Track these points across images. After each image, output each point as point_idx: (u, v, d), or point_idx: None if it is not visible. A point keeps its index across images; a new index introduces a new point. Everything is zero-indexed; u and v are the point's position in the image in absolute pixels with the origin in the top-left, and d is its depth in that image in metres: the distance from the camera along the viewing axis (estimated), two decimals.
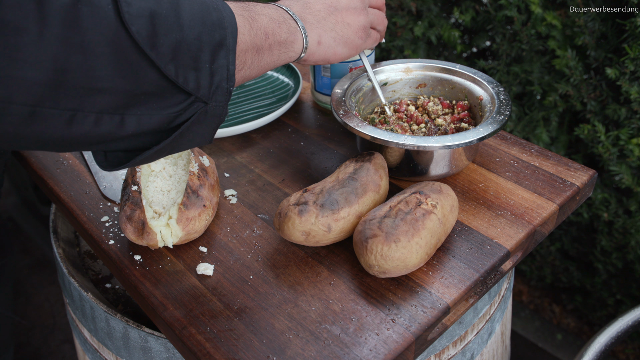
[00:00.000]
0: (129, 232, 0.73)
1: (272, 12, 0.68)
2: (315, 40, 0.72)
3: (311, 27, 0.72)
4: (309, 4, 0.74)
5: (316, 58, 0.74)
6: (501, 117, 0.81)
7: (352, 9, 0.76)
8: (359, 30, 0.77)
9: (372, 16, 0.80)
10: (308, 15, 0.72)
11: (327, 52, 0.74)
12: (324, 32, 0.73)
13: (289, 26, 0.69)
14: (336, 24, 0.74)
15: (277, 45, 0.68)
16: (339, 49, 0.75)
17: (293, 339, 0.63)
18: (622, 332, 0.93)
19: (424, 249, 0.67)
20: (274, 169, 0.90)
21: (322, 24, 0.73)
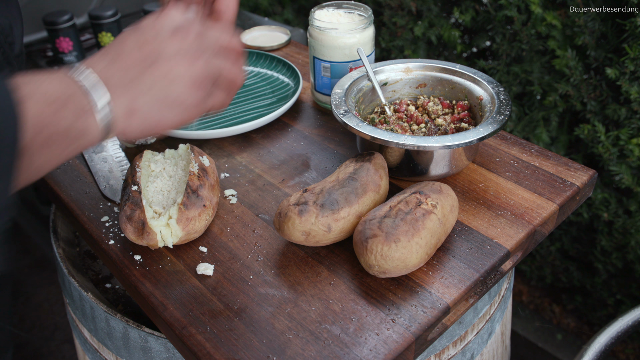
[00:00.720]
0: (129, 232, 0.73)
1: (51, 88, 0.50)
2: (124, 111, 0.53)
3: (117, 92, 0.53)
4: (119, 56, 0.55)
5: (135, 132, 0.55)
6: (501, 117, 0.81)
7: (181, 56, 0.56)
8: (194, 84, 0.56)
9: (218, 62, 0.59)
10: (114, 76, 0.53)
11: (146, 122, 0.55)
12: (138, 96, 0.54)
13: (78, 103, 0.50)
14: (156, 81, 0.54)
15: (57, 138, 0.50)
16: (166, 115, 0.55)
17: (293, 339, 0.63)
18: (622, 332, 0.93)
19: (424, 249, 0.67)
20: (274, 169, 0.90)
21: (134, 85, 0.54)
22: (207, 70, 0.57)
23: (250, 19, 1.87)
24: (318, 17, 0.99)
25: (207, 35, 0.59)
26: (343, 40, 0.97)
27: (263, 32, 1.35)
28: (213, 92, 0.59)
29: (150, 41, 0.56)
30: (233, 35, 0.61)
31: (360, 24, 0.96)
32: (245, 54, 0.62)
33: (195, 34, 0.57)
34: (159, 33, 0.56)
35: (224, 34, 0.60)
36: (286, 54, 1.26)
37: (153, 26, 0.57)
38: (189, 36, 0.57)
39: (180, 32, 0.57)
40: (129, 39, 0.56)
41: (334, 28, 0.96)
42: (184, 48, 0.56)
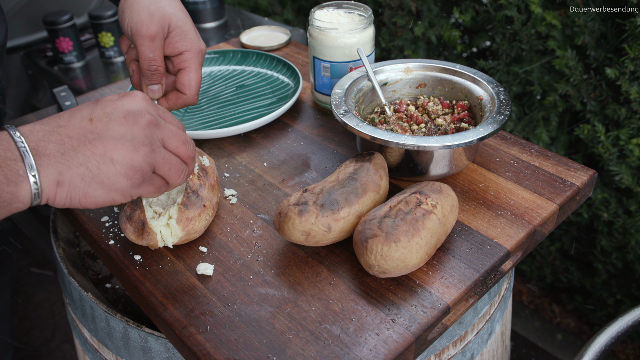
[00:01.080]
0: (129, 232, 0.73)
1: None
2: (52, 180, 0.54)
3: (50, 161, 0.53)
4: (61, 128, 0.55)
5: (61, 202, 0.56)
6: (501, 117, 0.81)
7: (125, 140, 0.56)
8: (129, 170, 0.56)
9: (160, 158, 0.59)
10: (51, 145, 0.54)
11: (72, 194, 0.55)
12: (68, 169, 0.54)
13: (8, 171, 0.51)
14: (91, 157, 0.55)
15: None
16: (91, 191, 0.55)
17: (293, 339, 0.63)
18: (622, 332, 0.93)
19: (424, 249, 0.67)
20: (274, 169, 0.90)
21: (67, 156, 0.54)
22: (145, 162, 0.57)
23: (250, 19, 1.87)
24: (318, 17, 0.99)
25: (159, 129, 0.59)
26: (343, 40, 0.97)
27: (263, 32, 1.35)
28: (146, 183, 0.59)
29: (100, 118, 0.56)
30: (185, 142, 0.62)
31: (360, 24, 0.96)
32: (194, 148, 0.64)
33: (147, 123, 0.58)
34: (112, 113, 0.57)
35: (175, 138, 0.61)
36: (286, 54, 1.26)
37: (110, 104, 0.58)
38: (140, 123, 0.57)
39: (133, 117, 0.57)
40: (81, 111, 0.57)
41: (334, 28, 0.96)
42: (130, 134, 0.56)
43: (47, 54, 1.76)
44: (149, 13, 0.73)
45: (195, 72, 0.78)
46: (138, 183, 0.58)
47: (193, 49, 0.77)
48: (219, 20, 1.84)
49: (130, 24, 0.74)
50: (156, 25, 0.73)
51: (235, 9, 1.97)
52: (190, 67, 0.77)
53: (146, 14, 0.73)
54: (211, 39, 1.75)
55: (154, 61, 0.74)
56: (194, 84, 0.78)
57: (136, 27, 0.73)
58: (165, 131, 0.60)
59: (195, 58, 0.78)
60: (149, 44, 0.73)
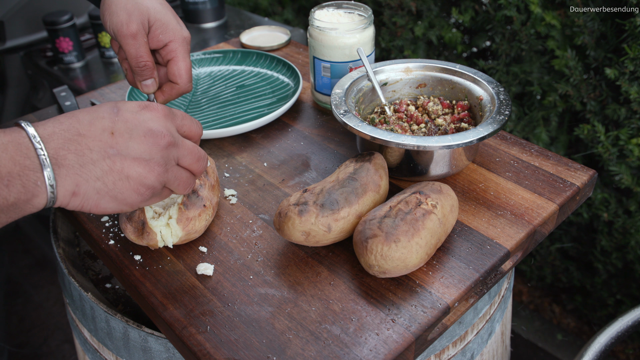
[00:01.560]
0: (129, 232, 0.73)
1: (3, 161, 0.51)
2: (68, 191, 0.54)
3: (68, 173, 0.54)
4: (81, 137, 0.55)
5: (72, 208, 0.57)
6: (501, 117, 0.81)
7: (142, 160, 0.57)
8: (141, 188, 0.58)
9: (172, 176, 0.61)
10: (71, 155, 0.54)
11: (85, 204, 0.56)
12: (85, 182, 0.55)
13: (26, 180, 0.51)
14: (109, 173, 0.56)
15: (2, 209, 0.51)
16: (103, 203, 0.57)
17: (293, 339, 0.63)
18: (622, 332, 0.93)
19: (424, 249, 0.67)
20: (274, 169, 0.90)
21: (86, 169, 0.54)
22: (158, 181, 0.59)
23: (250, 19, 1.87)
24: (318, 17, 0.99)
25: (176, 148, 0.61)
26: (343, 40, 0.97)
27: (263, 32, 1.35)
28: (154, 197, 0.61)
29: (122, 133, 0.57)
30: (199, 159, 0.64)
31: (360, 24, 0.96)
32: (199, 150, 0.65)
33: (166, 144, 0.59)
34: (134, 130, 0.57)
35: (191, 155, 0.63)
36: (286, 54, 1.26)
37: (132, 119, 0.58)
38: (159, 144, 0.58)
39: (153, 137, 0.58)
40: (102, 121, 0.56)
41: (334, 28, 0.96)
42: (148, 154, 0.57)
43: (47, 54, 1.76)
44: (127, 12, 0.75)
45: (183, 60, 0.78)
46: (147, 198, 0.60)
47: (177, 39, 0.78)
48: (219, 20, 1.84)
49: (111, 25, 0.75)
50: (136, 22, 0.74)
51: (235, 9, 1.97)
52: (177, 56, 0.78)
53: (124, 14, 0.75)
54: (211, 39, 1.75)
55: (140, 58, 0.76)
56: (184, 72, 0.79)
57: (117, 28, 0.75)
58: (182, 150, 0.62)
59: (180, 46, 0.78)
60: (133, 42, 0.75)
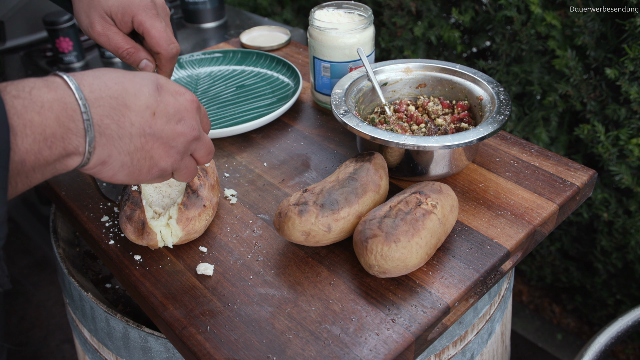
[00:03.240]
0: (129, 232, 0.73)
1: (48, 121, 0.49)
2: (100, 160, 0.54)
3: (107, 143, 0.53)
4: (126, 109, 0.54)
5: (90, 173, 0.57)
6: (501, 117, 0.81)
7: (169, 146, 0.59)
8: (156, 169, 0.59)
9: (183, 165, 0.63)
10: (113, 125, 0.53)
11: (104, 173, 0.56)
12: (117, 154, 0.55)
13: (68, 144, 0.51)
14: (139, 150, 0.56)
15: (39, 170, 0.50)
16: (119, 176, 0.57)
17: (293, 339, 0.63)
18: (622, 332, 0.93)
19: (424, 249, 0.67)
20: (274, 169, 0.90)
21: (122, 142, 0.55)
22: (172, 167, 0.61)
23: (250, 19, 1.87)
24: (318, 17, 0.99)
25: (197, 142, 0.63)
26: (343, 40, 0.97)
27: (263, 32, 1.35)
28: (158, 179, 0.62)
29: (161, 116, 0.57)
30: (210, 152, 0.66)
31: (360, 24, 0.96)
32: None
33: (192, 138, 0.61)
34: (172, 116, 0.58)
35: (204, 150, 0.65)
36: (286, 54, 1.26)
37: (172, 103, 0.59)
38: (186, 136, 0.60)
39: (184, 128, 0.60)
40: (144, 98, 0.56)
41: (334, 28, 0.96)
42: (175, 142, 0.59)
43: (47, 54, 1.76)
44: (86, 14, 0.76)
45: (152, 27, 0.76)
46: (153, 178, 0.61)
47: (137, 11, 0.76)
48: (219, 20, 1.84)
49: (84, 31, 0.78)
50: (97, 20, 0.76)
51: (235, 9, 1.97)
52: (146, 26, 0.76)
53: (85, 17, 0.76)
54: (211, 39, 1.75)
55: (118, 49, 0.77)
56: (158, 37, 0.77)
57: (87, 32, 0.77)
58: (200, 144, 0.63)
59: (144, 15, 0.76)
60: (104, 40, 0.76)
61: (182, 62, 1.19)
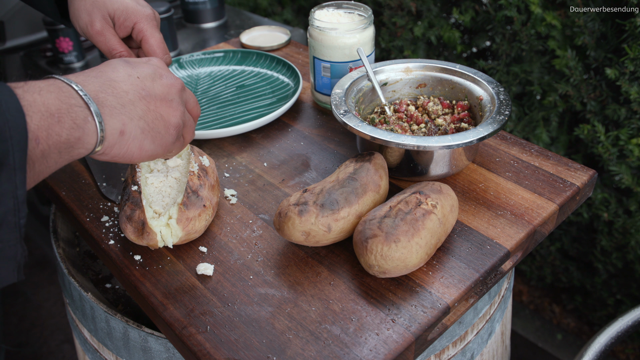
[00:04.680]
0: (129, 232, 0.73)
1: (50, 100, 0.51)
2: (116, 130, 0.56)
3: (112, 112, 0.56)
4: (113, 82, 0.57)
5: (115, 153, 0.58)
6: (501, 117, 0.81)
7: (168, 100, 0.62)
8: (172, 128, 0.62)
9: (187, 118, 0.66)
10: (110, 97, 0.56)
11: (131, 145, 0.58)
12: (130, 120, 0.57)
13: (75, 117, 0.52)
14: (147, 112, 0.59)
15: (54, 149, 0.51)
16: (147, 144, 0.59)
17: (293, 339, 0.63)
18: (622, 332, 0.93)
19: (424, 249, 0.67)
20: (274, 169, 0.90)
21: (128, 109, 0.57)
22: (181, 120, 0.64)
23: (250, 19, 1.87)
24: (318, 17, 0.99)
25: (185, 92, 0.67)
26: (343, 40, 0.97)
27: (263, 32, 1.35)
28: (178, 141, 0.66)
29: (145, 77, 0.61)
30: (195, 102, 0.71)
31: (360, 24, 0.96)
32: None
33: (181, 87, 0.66)
34: (153, 74, 0.62)
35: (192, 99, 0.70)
36: (286, 54, 1.26)
37: (145, 67, 0.63)
38: (176, 87, 0.64)
39: (169, 80, 0.64)
40: (122, 69, 0.60)
41: (334, 28, 0.96)
42: (170, 95, 0.63)
43: (47, 54, 1.76)
44: (87, 12, 0.78)
45: (152, 36, 0.80)
46: (174, 138, 0.64)
47: (140, 19, 0.80)
48: (219, 20, 1.84)
49: (79, 29, 0.79)
50: (98, 20, 0.78)
51: (235, 9, 1.97)
52: (146, 34, 0.80)
53: (86, 15, 0.78)
54: (211, 39, 1.75)
55: (113, 50, 0.79)
56: (156, 46, 0.80)
57: (84, 31, 0.79)
58: (187, 92, 0.68)
59: (146, 24, 0.80)
60: (101, 39, 0.79)
61: (182, 62, 1.19)
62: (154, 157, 0.62)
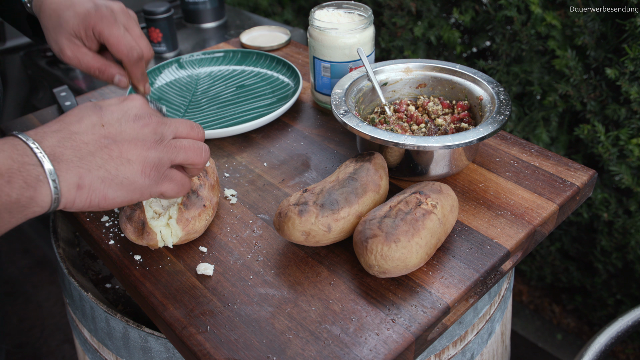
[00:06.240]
0: (129, 232, 0.73)
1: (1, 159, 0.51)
2: (72, 184, 0.54)
3: (68, 166, 0.54)
4: (74, 134, 0.56)
5: (79, 206, 0.56)
6: (501, 117, 0.81)
7: (139, 141, 0.58)
8: (146, 168, 0.58)
9: (172, 148, 0.61)
10: (67, 150, 0.55)
11: (93, 197, 0.56)
12: (87, 172, 0.55)
13: (27, 175, 0.51)
14: (109, 160, 0.56)
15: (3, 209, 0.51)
16: (111, 193, 0.57)
17: (293, 339, 0.63)
18: (622, 332, 0.93)
19: (424, 249, 0.67)
20: (274, 169, 0.90)
21: (86, 160, 0.55)
22: (158, 157, 0.59)
23: (250, 19, 1.87)
24: (318, 17, 0.99)
25: (167, 125, 0.62)
26: (343, 40, 0.97)
27: (263, 32, 1.35)
28: (165, 180, 0.61)
29: (111, 123, 0.58)
30: (192, 127, 0.65)
31: (360, 24, 0.96)
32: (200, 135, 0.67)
33: (156, 123, 0.61)
34: (122, 117, 0.59)
35: (183, 125, 0.64)
36: (286, 54, 1.26)
37: (117, 110, 0.60)
38: (150, 125, 0.60)
39: (142, 120, 0.60)
40: (90, 117, 0.58)
41: (334, 28, 0.96)
42: (142, 135, 0.59)
43: (47, 54, 1.76)
44: (54, 40, 0.77)
45: (111, 34, 0.75)
46: (155, 179, 0.60)
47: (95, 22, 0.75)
48: (219, 20, 1.85)
49: (57, 56, 0.79)
50: (65, 45, 0.77)
51: (235, 9, 1.97)
52: (104, 34, 0.75)
53: (54, 44, 0.78)
54: (211, 39, 1.75)
55: (91, 69, 0.78)
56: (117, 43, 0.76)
57: (59, 56, 0.78)
58: (173, 125, 0.63)
59: (102, 24, 0.75)
60: (77, 63, 0.78)
61: (182, 62, 1.19)
62: (129, 202, 0.59)
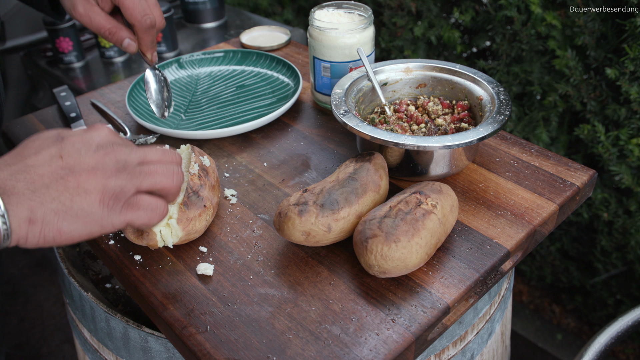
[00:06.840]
0: (129, 232, 0.73)
1: None
2: (23, 218, 0.51)
3: (19, 200, 0.51)
4: (29, 167, 0.53)
5: (34, 242, 0.53)
6: (501, 117, 0.81)
7: (98, 169, 0.54)
8: (105, 198, 0.54)
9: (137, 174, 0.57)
10: (20, 183, 0.52)
11: (47, 232, 0.53)
12: (39, 205, 0.52)
13: None
14: (64, 191, 0.53)
15: None
16: (66, 226, 0.53)
17: (293, 339, 0.63)
18: (622, 332, 0.93)
19: (424, 249, 0.67)
20: (274, 169, 0.90)
21: (39, 193, 0.52)
22: (120, 185, 0.55)
23: (250, 19, 1.87)
24: (318, 17, 0.99)
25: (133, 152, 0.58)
26: (343, 40, 0.97)
27: (263, 32, 1.35)
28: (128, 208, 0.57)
29: (70, 154, 0.55)
30: (164, 151, 0.61)
31: (360, 24, 0.96)
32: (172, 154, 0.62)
33: (119, 152, 0.57)
34: (82, 148, 0.55)
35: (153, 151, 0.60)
36: (286, 54, 1.26)
37: (78, 140, 0.56)
38: (111, 154, 0.56)
39: (104, 149, 0.56)
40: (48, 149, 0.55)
41: (334, 28, 0.96)
42: (102, 164, 0.55)
43: (47, 54, 1.76)
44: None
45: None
46: (116, 209, 0.55)
47: None
48: (219, 20, 1.85)
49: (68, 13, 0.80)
50: (80, 3, 0.78)
51: (235, 9, 1.97)
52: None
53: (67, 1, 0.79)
54: (211, 39, 1.75)
55: (100, 29, 0.79)
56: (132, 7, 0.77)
57: (71, 15, 0.79)
58: (140, 152, 0.59)
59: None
60: (86, 21, 0.79)
61: (182, 62, 1.19)
62: (88, 236, 0.55)
